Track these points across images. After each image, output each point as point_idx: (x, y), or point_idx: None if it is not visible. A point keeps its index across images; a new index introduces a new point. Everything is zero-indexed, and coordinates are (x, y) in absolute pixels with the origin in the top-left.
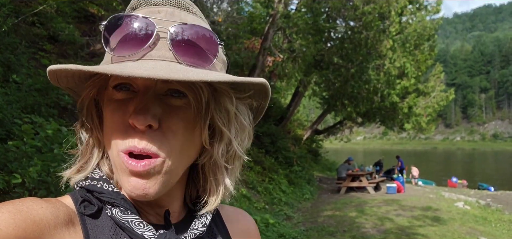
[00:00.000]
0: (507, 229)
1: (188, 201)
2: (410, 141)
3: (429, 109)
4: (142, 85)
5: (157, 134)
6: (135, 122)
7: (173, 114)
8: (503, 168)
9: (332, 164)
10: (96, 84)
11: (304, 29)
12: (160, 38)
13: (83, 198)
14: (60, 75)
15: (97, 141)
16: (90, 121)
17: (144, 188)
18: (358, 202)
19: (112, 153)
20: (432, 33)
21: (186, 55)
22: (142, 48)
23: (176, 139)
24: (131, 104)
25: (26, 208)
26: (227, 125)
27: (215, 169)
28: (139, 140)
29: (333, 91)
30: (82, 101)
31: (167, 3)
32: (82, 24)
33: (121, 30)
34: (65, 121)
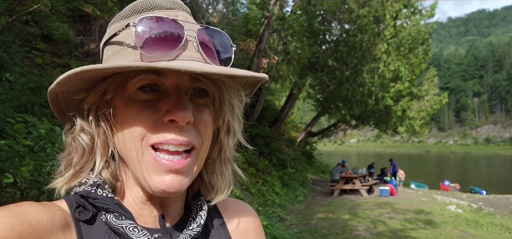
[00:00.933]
0: (498, 232)
1: (189, 196)
2: (404, 144)
3: (423, 113)
4: (171, 85)
5: (192, 129)
6: (177, 118)
7: (202, 111)
8: (495, 172)
9: (325, 167)
10: (112, 85)
11: (299, 32)
12: (188, 41)
13: (78, 203)
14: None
15: (104, 144)
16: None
17: (181, 184)
18: (351, 205)
19: (136, 151)
20: (426, 37)
21: (210, 55)
22: (175, 48)
23: (206, 133)
24: (162, 104)
25: (23, 212)
26: (232, 118)
27: (222, 161)
28: (178, 134)
29: (327, 94)
30: (90, 102)
31: (179, 7)
32: (77, 23)
33: (149, 30)
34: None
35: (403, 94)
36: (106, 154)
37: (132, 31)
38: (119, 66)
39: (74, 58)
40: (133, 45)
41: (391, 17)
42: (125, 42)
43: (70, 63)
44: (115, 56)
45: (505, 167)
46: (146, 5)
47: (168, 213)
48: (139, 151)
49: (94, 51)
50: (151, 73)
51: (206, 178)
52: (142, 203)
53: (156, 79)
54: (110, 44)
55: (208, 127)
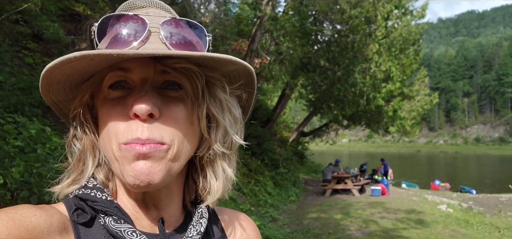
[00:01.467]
0: (488, 232)
1: (187, 202)
2: (395, 144)
3: (414, 113)
4: (138, 79)
5: (159, 123)
6: (136, 111)
7: (172, 104)
8: (485, 171)
9: (317, 166)
10: (90, 87)
11: (291, 32)
12: (152, 34)
13: (76, 206)
14: (52, 82)
15: (92, 146)
16: (84, 126)
17: (150, 172)
18: (343, 205)
19: (111, 149)
20: (417, 38)
21: (178, 47)
22: (135, 43)
23: (178, 127)
24: (129, 99)
25: (20, 215)
26: (221, 114)
27: (214, 159)
28: (142, 130)
29: (319, 94)
30: (75, 108)
31: (152, 5)
32: (67, 23)
33: (113, 29)
34: (49, 121)
35: (394, 95)
36: (96, 156)
37: (94, 32)
38: (67, 58)
39: None
40: (99, 46)
41: (382, 18)
42: (95, 45)
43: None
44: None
45: (494, 167)
46: (123, 8)
47: (165, 218)
48: (115, 149)
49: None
50: (118, 70)
51: (201, 181)
52: (137, 205)
53: (123, 76)
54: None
55: (179, 121)
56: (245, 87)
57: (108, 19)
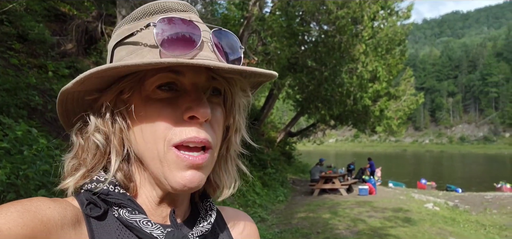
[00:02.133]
0: (474, 229)
1: (196, 197)
2: (381, 143)
3: (400, 112)
4: (189, 84)
5: (209, 127)
6: (198, 114)
7: (216, 110)
8: (470, 170)
9: (305, 166)
10: (129, 84)
11: (278, 32)
12: (204, 41)
13: (88, 200)
14: (93, 77)
15: (120, 143)
16: (117, 122)
17: (200, 179)
18: (331, 204)
19: (156, 149)
20: (402, 38)
21: (223, 56)
22: (194, 48)
23: (220, 131)
24: (182, 101)
25: (34, 207)
26: (239, 117)
27: (228, 159)
28: (198, 131)
29: (306, 94)
30: (107, 100)
31: (191, 10)
32: (53, 23)
33: (168, 30)
34: (35, 122)
35: (381, 95)
36: (121, 153)
37: (152, 30)
38: (149, 63)
39: (50, 59)
40: (151, 45)
41: (369, 18)
42: (142, 42)
43: (47, 64)
44: (131, 56)
45: (479, 165)
46: (158, 7)
47: (176, 212)
48: (161, 150)
49: (71, 52)
50: (169, 72)
51: (212, 176)
52: (155, 202)
53: (174, 78)
54: (123, 45)
55: (220, 125)
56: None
57: (165, 20)
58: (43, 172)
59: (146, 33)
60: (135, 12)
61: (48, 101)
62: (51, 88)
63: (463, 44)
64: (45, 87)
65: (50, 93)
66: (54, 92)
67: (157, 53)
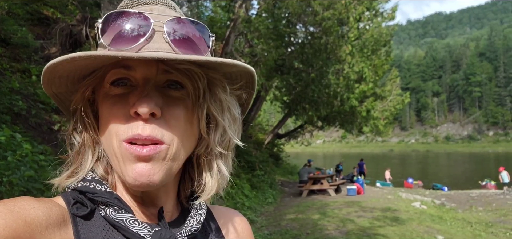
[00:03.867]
0: (461, 226)
1: (182, 198)
2: (368, 144)
3: (386, 112)
4: (141, 78)
5: (160, 122)
6: (139, 110)
7: (174, 104)
8: (455, 168)
9: (293, 168)
10: (92, 82)
11: (265, 34)
12: (156, 32)
13: (75, 199)
14: (54, 76)
15: (92, 141)
16: (85, 121)
17: (149, 173)
18: (320, 205)
19: (112, 145)
20: (388, 39)
21: (181, 46)
22: (139, 41)
23: (178, 127)
24: (131, 97)
25: (18, 208)
26: (220, 114)
27: (211, 158)
28: (143, 128)
29: (294, 96)
30: (76, 102)
31: (157, 2)
32: (36, 27)
33: (116, 26)
34: (19, 127)
35: (367, 95)
36: (95, 150)
37: (98, 28)
38: (71, 56)
39: (34, 63)
40: (101, 43)
41: (354, 20)
42: (98, 41)
43: (30, 68)
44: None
45: (464, 164)
46: (127, 4)
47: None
48: (115, 145)
49: (55, 55)
50: (121, 68)
51: (196, 177)
52: (135, 201)
53: (126, 73)
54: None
55: (180, 121)
56: (245, 88)
57: (112, 15)
58: (27, 178)
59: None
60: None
61: (32, 106)
62: (35, 93)
63: (446, 44)
64: (28, 92)
65: (33, 98)
66: (38, 97)
67: (106, 51)
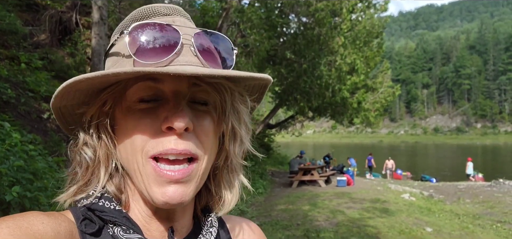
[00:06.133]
0: (449, 218)
1: (198, 211)
2: (358, 135)
3: (377, 104)
4: (170, 92)
5: (192, 137)
6: (174, 124)
7: (203, 118)
8: (443, 160)
9: (283, 158)
10: (112, 96)
11: (258, 24)
12: (184, 46)
13: (84, 216)
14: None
15: (106, 156)
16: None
17: (182, 196)
18: (310, 196)
19: (137, 162)
20: (380, 31)
21: (209, 59)
22: (170, 54)
23: (208, 141)
24: (161, 111)
25: (27, 223)
26: (239, 125)
27: (229, 170)
28: (176, 142)
29: (285, 86)
30: (91, 115)
31: (177, 13)
32: (24, 13)
33: (142, 37)
34: (8, 116)
35: (358, 87)
36: (109, 166)
37: (125, 39)
38: (106, 73)
39: (22, 50)
40: (127, 54)
41: (347, 11)
42: (121, 52)
43: (19, 55)
44: (113, 67)
45: (452, 155)
46: (144, 13)
47: (176, 227)
48: (140, 162)
49: (44, 43)
50: (148, 80)
51: (214, 189)
52: (149, 217)
53: (154, 86)
54: (110, 56)
55: (210, 135)
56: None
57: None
58: (17, 168)
59: (122, 42)
60: (124, 20)
61: (21, 94)
62: (24, 81)
63: (437, 37)
64: (17, 80)
65: (23, 86)
66: (27, 85)
67: (132, 63)
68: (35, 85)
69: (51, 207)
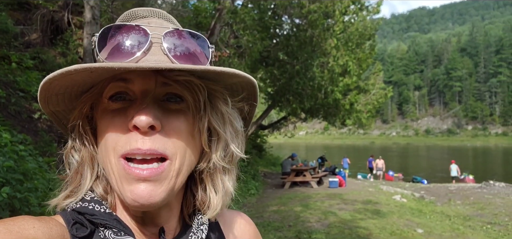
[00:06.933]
0: (440, 220)
1: (185, 214)
2: (350, 136)
3: (369, 106)
4: (139, 91)
5: (161, 135)
6: (137, 123)
7: (174, 117)
8: (434, 161)
9: (276, 159)
10: (89, 99)
11: (251, 25)
12: (153, 44)
13: (74, 220)
14: (51, 94)
15: (91, 158)
16: (84, 138)
17: (150, 195)
18: (302, 197)
19: (109, 162)
20: (372, 33)
21: (180, 59)
22: (137, 54)
23: (180, 140)
24: (130, 110)
25: (18, 227)
26: (222, 127)
27: (214, 173)
28: (143, 141)
29: (278, 87)
30: (74, 119)
31: (154, 15)
32: (16, 12)
33: (114, 39)
34: None
35: (351, 88)
36: (94, 169)
37: (95, 42)
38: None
39: (13, 49)
40: (97, 58)
41: (340, 13)
42: (94, 56)
43: (10, 54)
44: None
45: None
46: (125, 17)
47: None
48: (112, 162)
49: (36, 42)
50: (119, 81)
51: (199, 193)
52: (136, 220)
53: (124, 87)
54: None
55: (181, 134)
56: (247, 100)
57: (109, 29)
58: (7, 168)
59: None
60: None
61: (11, 94)
62: (15, 80)
63: (429, 39)
64: (8, 80)
65: (13, 86)
66: (17, 85)
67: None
68: (26, 85)
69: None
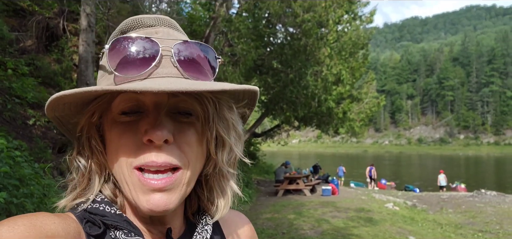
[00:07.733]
0: (431, 228)
1: (189, 214)
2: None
3: (362, 114)
4: (151, 104)
5: (173, 148)
6: (153, 137)
7: (185, 129)
8: (427, 170)
9: (269, 167)
10: (98, 108)
11: (245, 34)
12: (164, 57)
13: (87, 219)
14: (59, 103)
15: (99, 165)
16: (92, 146)
17: (166, 204)
18: (295, 204)
19: (123, 173)
20: (365, 42)
21: (190, 70)
22: (149, 67)
23: (191, 151)
24: (142, 124)
25: (40, 222)
26: (227, 133)
27: (220, 177)
28: (157, 155)
29: (272, 96)
30: (82, 127)
31: (161, 24)
32: (11, 18)
33: (123, 51)
34: None
35: (344, 97)
36: (102, 174)
37: (106, 54)
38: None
39: (8, 55)
40: (108, 70)
41: (333, 22)
42: (105, 66)
43: (5, 61)
44: (101, 79)
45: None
46: (130, 25)
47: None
48: (125, 173)
49: (31, 48)
50: (130, 92)
51: (206, 195)
52: (144, 221)
53: (135, 98)
54: (100, 69)
55: (193, 145)
56: (246, 104)
57: (118, 41)
58: (3, 174)
59: (105, 57)
60: (113, 32)
61: (7, 100)
62: (10, 87)
63: (421, 48)
64: (3, 86)
65: (9, 92)
66: (13, 91)
67: (113, 78)
68: (22, 92)
69: None
